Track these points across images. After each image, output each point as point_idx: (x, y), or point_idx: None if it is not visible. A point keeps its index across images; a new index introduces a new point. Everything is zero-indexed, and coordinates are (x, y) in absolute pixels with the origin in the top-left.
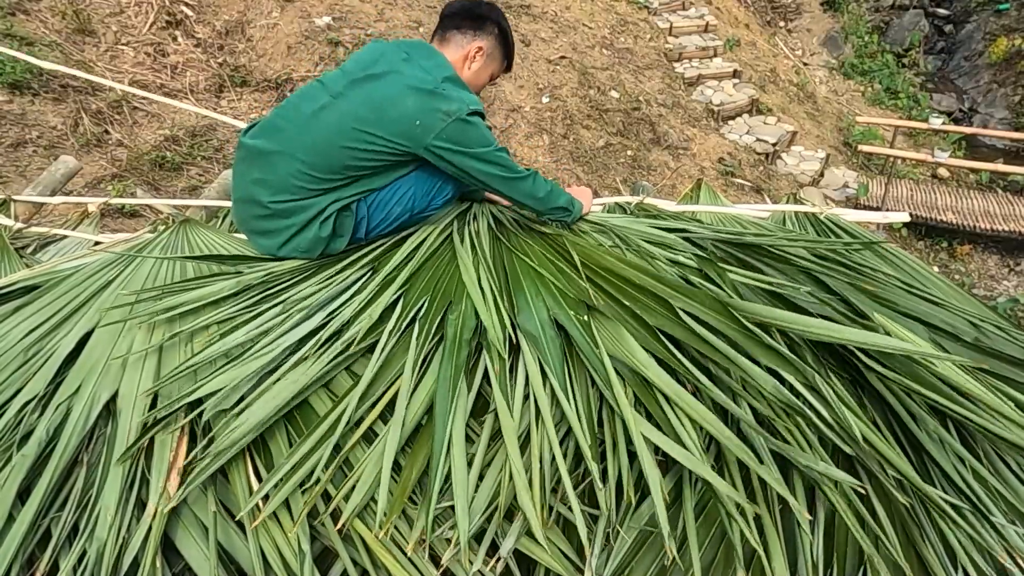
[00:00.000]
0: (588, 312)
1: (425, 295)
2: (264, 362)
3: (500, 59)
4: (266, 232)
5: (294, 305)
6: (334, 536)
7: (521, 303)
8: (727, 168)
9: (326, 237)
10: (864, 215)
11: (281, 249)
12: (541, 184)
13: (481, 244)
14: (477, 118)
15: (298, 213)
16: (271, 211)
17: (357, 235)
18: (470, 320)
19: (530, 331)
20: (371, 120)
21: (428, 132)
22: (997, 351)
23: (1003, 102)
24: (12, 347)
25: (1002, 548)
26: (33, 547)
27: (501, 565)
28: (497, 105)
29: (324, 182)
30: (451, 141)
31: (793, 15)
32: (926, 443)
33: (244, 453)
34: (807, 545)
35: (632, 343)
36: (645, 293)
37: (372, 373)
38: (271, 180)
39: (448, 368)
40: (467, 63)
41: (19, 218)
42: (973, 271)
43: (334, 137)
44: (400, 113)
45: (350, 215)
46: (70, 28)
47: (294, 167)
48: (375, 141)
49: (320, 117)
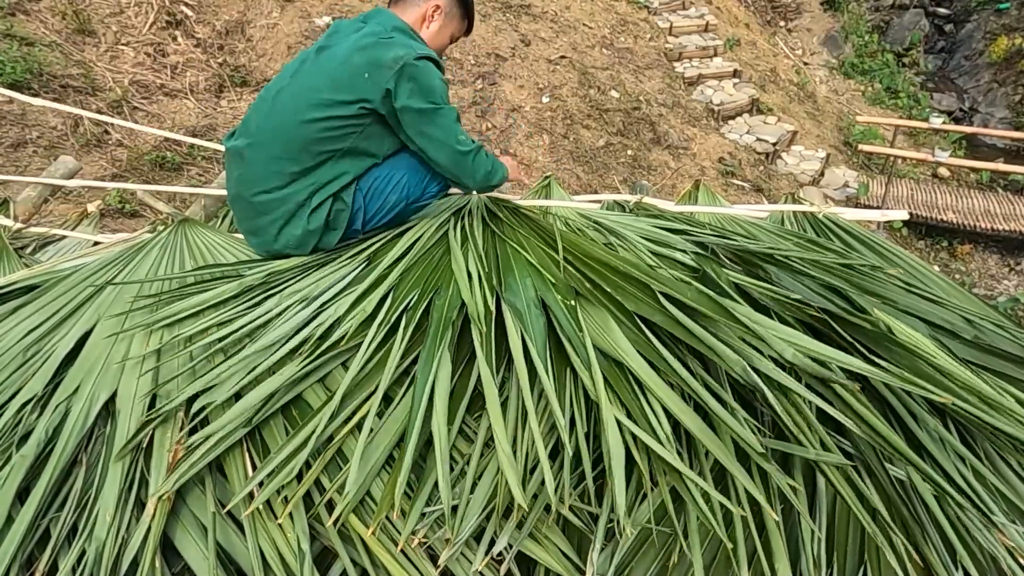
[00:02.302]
0: (576, 298)
1: (416, 288)
2: (259, 357)
3: (459, 18)
4: (256, 230)
5: (289, 299)
6: (333, 535)
7: (510, 281)
8: (727, 168)
9: (316, 230)
10: (863, 214)
11: (273, 246)
12: (483, 161)
13: (474, 234)
14: (426, 63)
15: (279, 206)
16: (254, 206)
17: (354, 227)
18: (456, 302)
19: (516, 306)
20: (325, 86)
21: (378, 82)
22: (997, 349)
23: (1003, 101)
24: (11, 347)
25: (1003, 547)
26: (32, 547)
27: (504, 568)
28: (497, 105)
29: (295, 164)
30: (404, 87)
31: (793, 15)
32: (926, 442)
33: (242, 451)
34: (808, 544)
35: (615, 330)
36: (627, 280)
37: (359, 367)
38: (248, 174)
39: (432, 347)
40: (425, 23)
41: (18, 218)
42: (973, 270)
43: (293, 115)
44: (350, 72)
45: (344, 207)
46: (70, 28)
47: (265, 155)
48: (332, 108)
49: (279, 100)
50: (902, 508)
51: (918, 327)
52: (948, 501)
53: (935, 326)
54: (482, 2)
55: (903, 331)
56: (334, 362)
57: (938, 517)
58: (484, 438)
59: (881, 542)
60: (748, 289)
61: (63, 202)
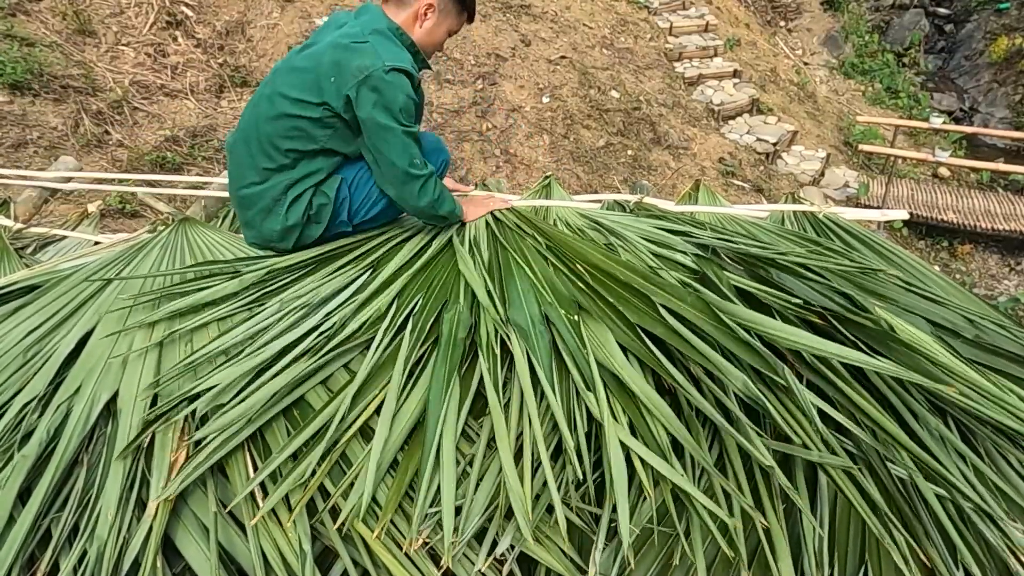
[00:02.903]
0: (579, 312)
1: (420, 293)
2: (262, 359)
3: (456, 13)
4: (247, 223)
5: (292, 303)
6: (334, 536)
7: (513, 297)
8: (727, 168)
9: (295, 225)
10: (863, 213)
11: (259, 239)
12: (430, 189)
13: (479, 245)
14: (398, 75)
15: (258, 200)
16: (240, 200)
17: (340, 218)
18: (465, 319)
19: (520, 324)
20: (295, 86)
21: (340, 88)
22: (998, 348)
23: (1004, 101)
24: (12, 347)
25: (1004, 546)
26: (33, 547)
27: (505, 569)
28: (497, 105)
29: (269, 161)
30: (368, 96)
31: (793, 15)
32: (928, 441)
33: (244, 452)
34: (811, 543)
35: (613, 344)
36: (629, 290)
37: (367, 371)
38: (235, 169)
39: (442, 369)
40: (417, 22)
41: (19, 219)
42: (974, 270)
43: (266, 112)
44: (317, 72)
45: (327, 200)
46: (70, 29)
47: (245, 151)
48: (300, 108)
49: (261, 97)
50: (904, 506)
51: (920, 326)
52: (950, 499)
53: (936, 325)
54: (482, 2)
55: (905, 329)
56: (337, 363)
57: (940, 515)
58: (487, 438)
59: (888, 544)
60: (749, 291)
61: (63, 202)
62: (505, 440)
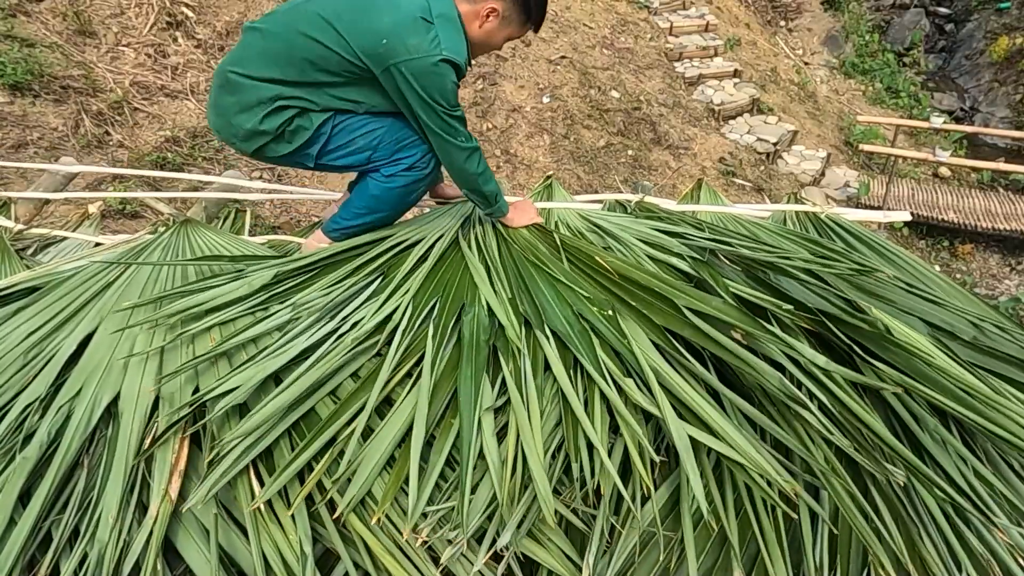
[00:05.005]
0: (612, 308)
1: (436, 296)
2: (274, 366)
3: (520, 23)
4: (218, 106)
5: (304, 308)
6: (335, 537)
7: (544, 303)
8: (728, 168)
9: (266, 132)
10: (865, 214)
11: (223, 129)
12: (475, 163)
13: (488, 246)
14: (447, 67)
15: (243, 92)
16: (228, 81)
17: (307, 150)
18: (485, 321)
19: (559, 328)
20: (344, 18)
21: (389, 57)
22: (997, 350)
23: (1004, 101)
24: (13, 349)
25: (1005, 548)
26: (34, 550)
27: (503, 566)
28: (497, 105)
29: (279, 71)
30: (410, 77)
31: (794, 14)
32: (927, 444)
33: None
34: (810, 547)
35: (646, 341)
36: (651, 293)
37: (388, 373)
38: (241, 52)
39: (469, 369)
40: (478, 21)
41: (20, 220)
42: (975, 270)
43: (305, 24)
44: (372, 25)
45: (308, 127)
46: (71, 29)
47: (264, 45)
48: (337, 42)
49: (304, 5)
50: (902, 511)
51: (918, 328)
52: (949, 503)
53: (936, 328)
54: None
55: (901, 331)
56: (346, 371)
57: (939, 519)
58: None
59: (878, 552)
60: (746, 297)
61: (64, 203)
62: (529, 437)
